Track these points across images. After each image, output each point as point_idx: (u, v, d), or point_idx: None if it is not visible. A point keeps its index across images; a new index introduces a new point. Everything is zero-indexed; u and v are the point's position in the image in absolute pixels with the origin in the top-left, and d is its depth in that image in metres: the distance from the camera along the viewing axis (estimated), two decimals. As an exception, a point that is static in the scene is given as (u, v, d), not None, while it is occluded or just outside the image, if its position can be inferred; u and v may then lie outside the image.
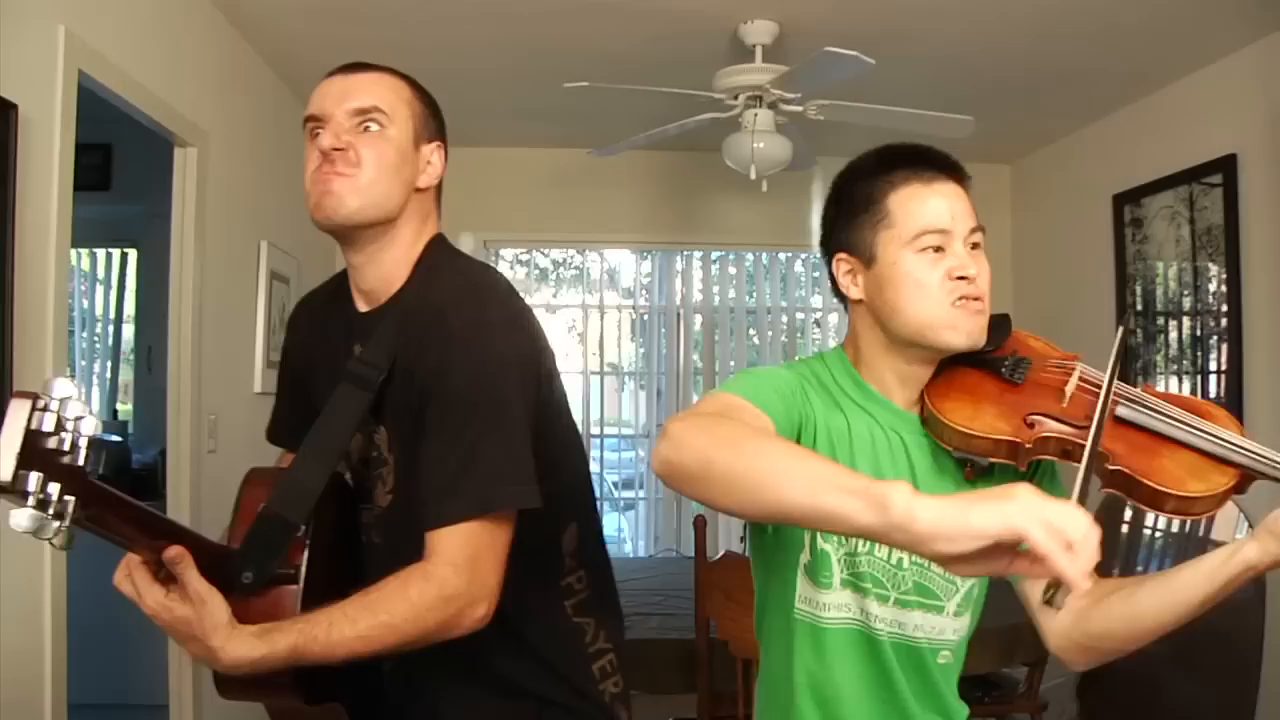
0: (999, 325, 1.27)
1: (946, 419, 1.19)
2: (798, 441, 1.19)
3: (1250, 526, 3.18)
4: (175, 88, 2.83)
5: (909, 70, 3.59)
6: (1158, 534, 3.67)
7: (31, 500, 0.85)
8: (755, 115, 3.28)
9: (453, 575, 1.14)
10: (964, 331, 1.20)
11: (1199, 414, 1.18)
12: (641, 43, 3.43)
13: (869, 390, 1.28)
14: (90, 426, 0.90)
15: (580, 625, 1.38)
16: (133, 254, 4.94)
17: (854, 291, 1.28)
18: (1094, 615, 1.17)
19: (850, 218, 1.26)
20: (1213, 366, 3.58)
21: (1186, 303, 3.72)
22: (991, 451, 1.19)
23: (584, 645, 1.38)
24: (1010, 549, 0.79)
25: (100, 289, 5.06)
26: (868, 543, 1.23)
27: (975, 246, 1.23)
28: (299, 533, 1.19)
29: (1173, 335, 3.81)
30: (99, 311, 5.06)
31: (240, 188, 3.39)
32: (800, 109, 3.31)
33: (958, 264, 1.20)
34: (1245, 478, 1.13)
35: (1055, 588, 0.83)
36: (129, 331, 4.99)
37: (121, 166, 4.43)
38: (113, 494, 0.96)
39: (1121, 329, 1.19)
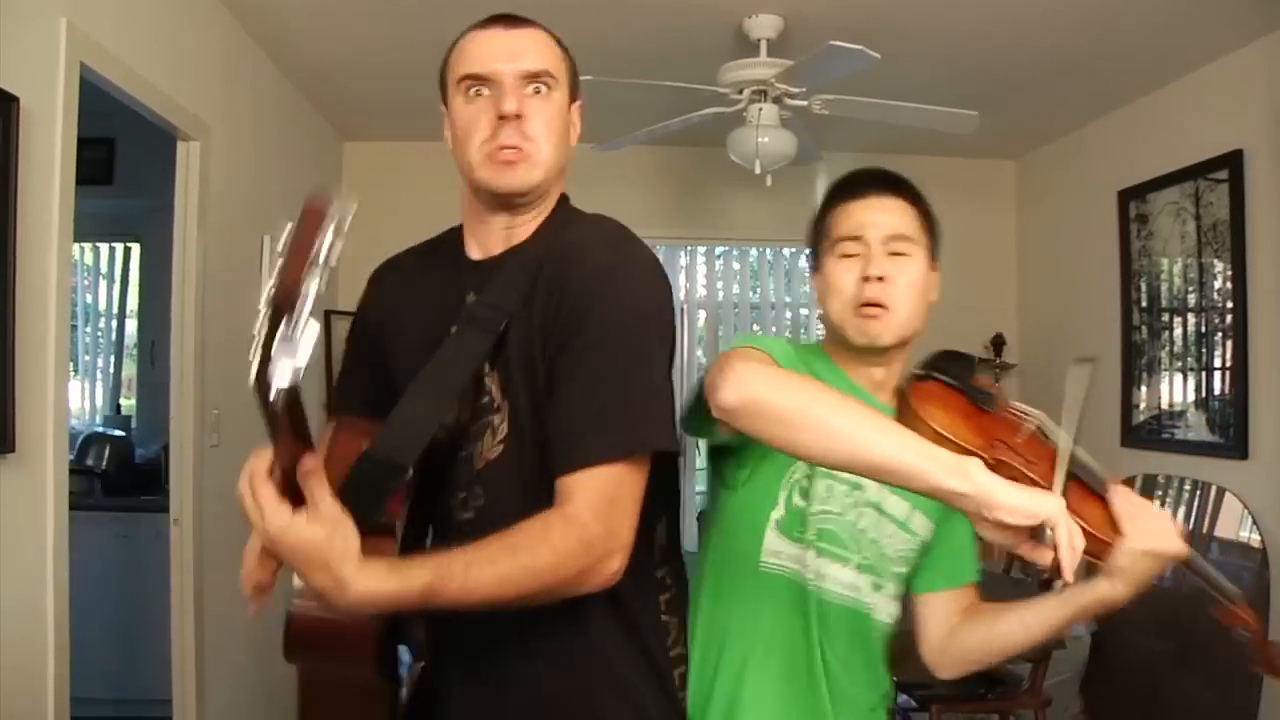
0: (962, 360, 1.39)
1: (925, 417, 1.27)
2: None
3: (1255, 523, 3.17)
4: (178, 81, 2.83)
5: (914, 65, 3.58)
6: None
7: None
8: (760, 110, 3.27)
9: (592, 521, 1.06)
10: (859, 331, 1.34)
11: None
12: (645, 37, 3.42)
13: (848, 381, 1.39)
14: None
15: (667, 624, 1.30)
16: (135, 248, 4.94)
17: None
18: (961, 630, 1.41)
19: (815, 240, 1.46)
20: (1217, 363, 3.57)
21: (1191, 299, 3.71)
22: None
23: (667, 646, 1.29)
24: (1028, 532, 1.03)
25: (103, 283, 5.06)
26: (836, 504, 1.35)
27: (896, 254, 1.35)
28: (406, 476, 1.10)
29: (1177, 332, 3.80)
30: (102, 306, 5.06)
31: (243, 181, 3.39)
32: (805, 103, 3.30)
33: (864, 265, 1.35)
34: None
35: (1053, 576, 1.03)
36: (132, 326, 5.00)
37: (124, 160, 4.43)
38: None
39: (1084, 366, 1.29)
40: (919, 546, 1.40)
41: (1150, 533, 1.17)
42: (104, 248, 5.00)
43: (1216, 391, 3.57)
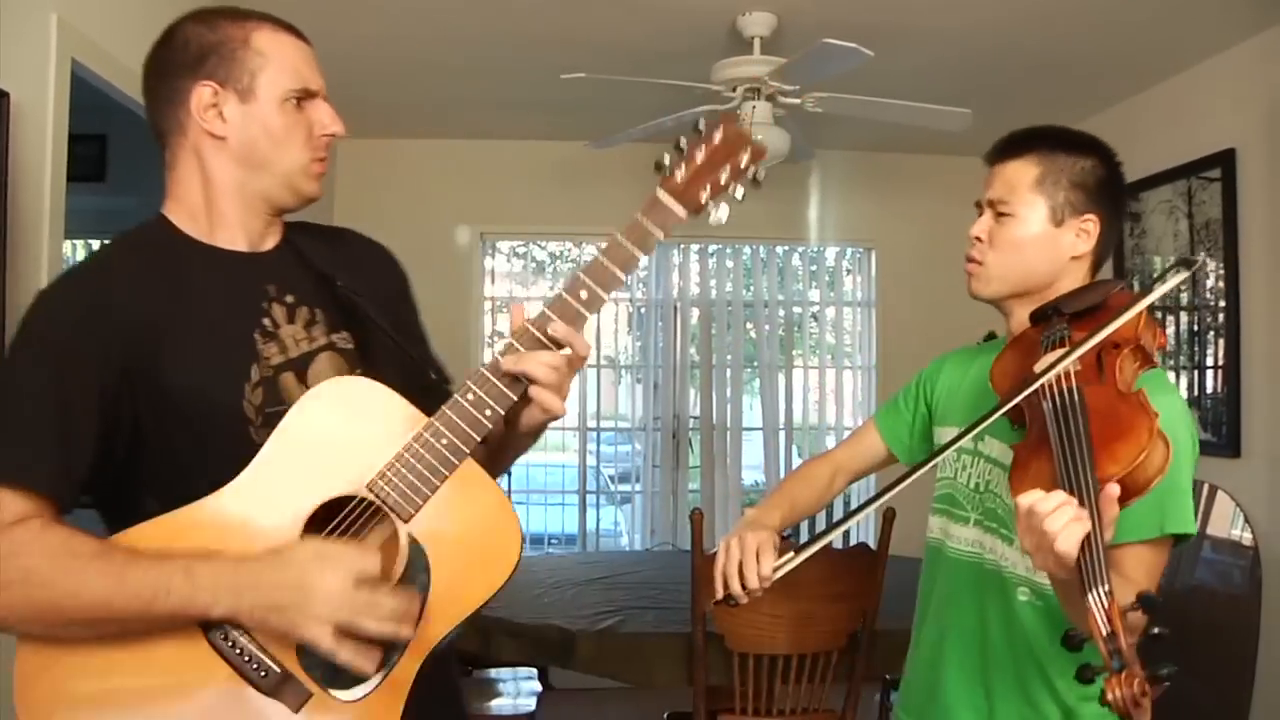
0: (1082, 288, 1.42)
1: (994, 360, 1.33)
2: (929, 418, 1.59)
3: (1246, 521, 3.18)
4: (170, 78, 2.81)
5: (907, 63, 3.58)
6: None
7: None
8: (753, 107, 3.27)
9: None
10: (967, 286, 1.49)
11: (1119, 437, 1.08)
12: (639, 34, 3.41)
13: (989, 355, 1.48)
14: None
15: None
16: (128, 245, 4.92)
17: None
18: None
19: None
20: (1210, 361, 3.58)
21: (1184, 297, 3.72)
22: (998, 401, 1.25)
23: None
24: None
25: (95, 280, 5.04)
26: (947, 468, 1.48)
27: (1000, 214, 1.45)
28: None
29: (1170, 330, 3.81)
30: (94, 303, 5.04)
31: (235, 179, 3.37)
32: (798, 101, 3.30)
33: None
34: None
35: None
36: (124, 323, 4.98)
37: (117, 157, 4.42)
38: None
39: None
40: None
41: (1030, 532, 1.03)
42: (96, 245, 4.98)
43: (1209, 390, 3.59)
